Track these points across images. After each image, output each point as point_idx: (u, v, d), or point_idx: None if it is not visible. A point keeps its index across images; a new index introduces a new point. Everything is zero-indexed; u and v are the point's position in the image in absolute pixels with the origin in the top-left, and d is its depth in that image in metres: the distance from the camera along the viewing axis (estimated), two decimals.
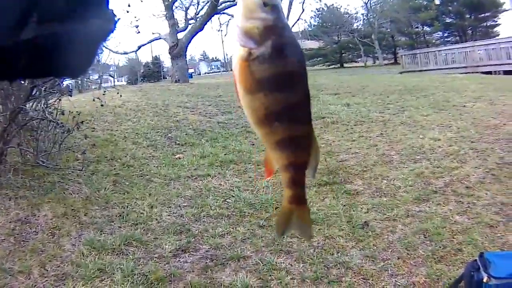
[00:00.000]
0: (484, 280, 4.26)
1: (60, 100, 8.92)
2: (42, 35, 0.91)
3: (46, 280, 5.13)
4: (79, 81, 11.73)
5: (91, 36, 0.99)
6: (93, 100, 9.84)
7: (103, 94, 10.60)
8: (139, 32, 16.31)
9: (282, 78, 1.20)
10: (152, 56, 74.39)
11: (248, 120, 1.30)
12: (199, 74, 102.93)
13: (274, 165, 1.36)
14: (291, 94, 1.23)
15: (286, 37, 1.21)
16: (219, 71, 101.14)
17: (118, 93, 11.56)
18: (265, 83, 1.19)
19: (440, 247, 5.57)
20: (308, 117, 1.30)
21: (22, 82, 7.87)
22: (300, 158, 1.32)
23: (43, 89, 8.17)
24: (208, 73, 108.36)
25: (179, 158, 9.87)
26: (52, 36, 0.92)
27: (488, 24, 62.65)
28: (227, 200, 7.48)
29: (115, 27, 1.03)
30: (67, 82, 10.55)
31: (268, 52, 1.17)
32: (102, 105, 10.28)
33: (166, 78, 61.80)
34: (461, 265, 5.01)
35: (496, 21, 62.52)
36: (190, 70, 34.11)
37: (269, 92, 1.20)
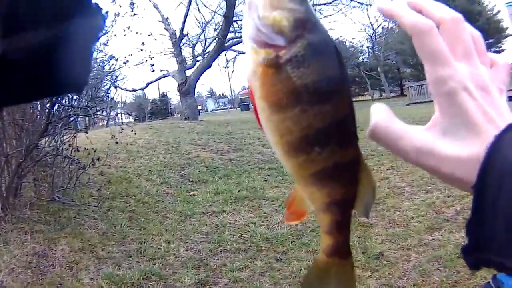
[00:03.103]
0: None
1: (75, 136, 9.01)
2: (14, 50, 0.82)
3: None
4: (87, 118, 11.64)
5: (77, 39, 0.88)
6: (111, 137, 9.90)
7: (121, 132, 10.66)
8: (153, 70, 16.20)
9: (324, 86, 0.88)
10: (159, 93, 74.52)
11: (274, 147, 0.93)
12: (206, 111, 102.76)
13: (307, 205, 1.00)
14: (336, 107, 0.90)
15: (321, 33, 0.91)
16: (226, 108, 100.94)
17: (132, 130, 11.56)
18: (302, 95, 0.87)
19: (454, 272, 5.64)
20: (355, 135, 0.95)
21: (38, 116, 8.00)
22: (346, 193, 0.96)
23: (59, 125, 8.27)
24: (215, 110, 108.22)
25: (194, 195, 9.95)
26: (28, 48, 0.83)
27: (492, 51, 62.62)
28: (243, 235, 7.56)
29: (104, 23, 0.90)
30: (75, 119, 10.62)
31: (304, 53, 0.87)
32: (116, 143, 10.35)
33: (173, 115, 61.73)
34: None
35: (500, 47, 61.99)
36: (198, 107, 34.16)
37: (309, 107, 0.87)
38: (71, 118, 9.11)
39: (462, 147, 0.72)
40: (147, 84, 34.36)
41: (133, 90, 35.92)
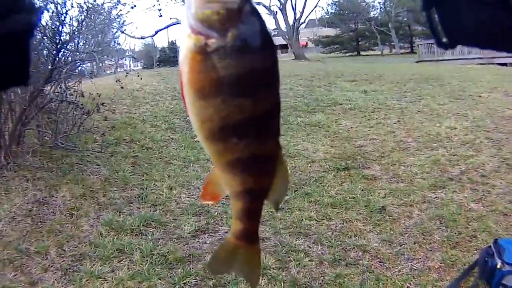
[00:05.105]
0: (498, 266, 4.28)
1: (80, 82, 8.93)
2: None
3: (64, 261, 5.18)
4: (94, 65, 11.62)
5: (13, 36, 0.86)
6: (116, 81, 9.83)
7: (126, 76, 10.63)
8: (161, 15, 16.13)
9: (248, 79, 0.92)
10: (169, 41, 73.93)
11: (195, 131, 1.01)
12: None
13: (223, 189, 1.08)
14: (258, 101, 0.94)
15: (255, 25, 0.93)
16: None
17: (138, 75, 11.56)
18: (225, 85, 0.91)
19: (455, 233, 5.64)
20: (276, 131, 1.02)
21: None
22: (259, 184, 1.05)
23: (63, 71, 8.20)
24: None
25: (198, 141, 9.84)
26: None
27: None
28: None
29: (39, 18, 0.88)
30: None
31: (232, 44, 0.90)
32: (122, 88, 10.29)
33: None
34: (475, 251, 5.07)
35: None
36: None
37: (230, 98, 0.92)
38: (77, 64, 9.06)
39: None
40: (156, 32, 34.29)
41: (142, 38, 35.90)
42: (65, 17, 8.30)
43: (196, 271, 4.94)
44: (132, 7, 11.13)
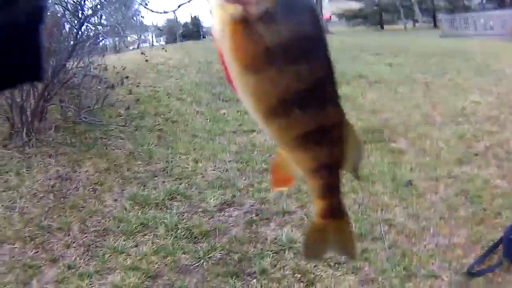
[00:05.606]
0: None
1: (103, 56, 8.89)
2: None
3: (86, 236, 5.16)
4: (116, 40, 11.67)
5: (24, 23, 0.79)
6: (141, 54, 9.81)
7: (151, 48, 10.66)
8: None
9: (299, 44, 0.83)
10: (191, 16, 73.71)
11: (252, 112, 0.94)
12: None
13: (294, 170, 1.00)
14: (314, 66, 0.86)
15: None
16: None
17: (163, 48, 11.58)
18: (277, 54, 0.82)
19: (480, 209, 5.56)
20: (336, 95, 0.92)
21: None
22: (333, 155, 0.95)
23: (86, 45, 8.18)
24: None
25: (224, 113, 9.84)
26: None
27: None
28: (272, 155, 7.13)
29: (45, 2, 0.83)
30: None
31: (275, 7, 0.80)
32: (146, 60, 10.29)
33: (205, 37, 61.23)
34: (500, 228, 4.99)
35: None
36: None
37: (284, 67, 0.83)
38: (100, 38, 9.04)
39: None
40: (179, 6, 34.25)
41: (164, 12, 35.92)
42: None
43: (221, 245, 4.91)
44: None
